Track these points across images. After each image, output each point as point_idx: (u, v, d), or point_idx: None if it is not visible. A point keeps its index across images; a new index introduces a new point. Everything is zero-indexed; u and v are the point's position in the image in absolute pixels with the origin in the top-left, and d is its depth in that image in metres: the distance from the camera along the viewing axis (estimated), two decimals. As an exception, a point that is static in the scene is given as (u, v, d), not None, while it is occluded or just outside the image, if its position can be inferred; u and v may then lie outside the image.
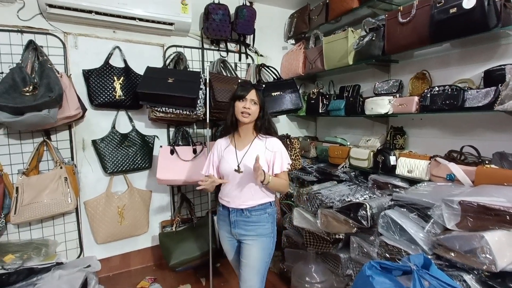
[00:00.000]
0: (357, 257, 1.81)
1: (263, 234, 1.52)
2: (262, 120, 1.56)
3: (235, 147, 1.56)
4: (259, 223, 1.51)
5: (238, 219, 1.53)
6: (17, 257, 1.86)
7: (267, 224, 1.53)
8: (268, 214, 1.54)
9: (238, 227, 1.53)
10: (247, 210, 1.51)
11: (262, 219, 1.52)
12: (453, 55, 1.86)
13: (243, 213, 1.51)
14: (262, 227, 1.52)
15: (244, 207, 1.50)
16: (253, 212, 1.51)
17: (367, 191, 2.01)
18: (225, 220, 1.58)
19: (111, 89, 2.19)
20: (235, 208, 1.52)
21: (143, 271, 2.50)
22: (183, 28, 2.40)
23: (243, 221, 1.52)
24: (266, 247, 1.53)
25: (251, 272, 1.49)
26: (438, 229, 1.36)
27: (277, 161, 1.52)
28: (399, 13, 1.83)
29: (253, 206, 1.51)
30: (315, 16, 2.58)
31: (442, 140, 1.94)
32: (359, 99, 2.25)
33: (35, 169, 2.03)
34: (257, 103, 1.52)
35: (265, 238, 1.52)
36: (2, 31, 1.92)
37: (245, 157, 1.52)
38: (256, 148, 1.53)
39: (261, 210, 1.52)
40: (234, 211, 1.53)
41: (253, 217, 1.51)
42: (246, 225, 1.52)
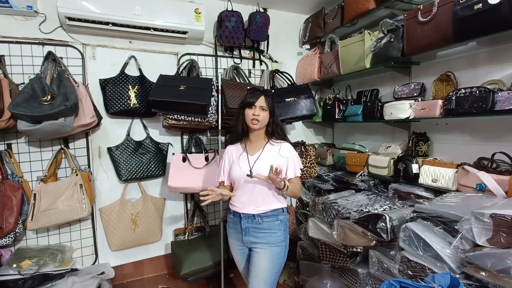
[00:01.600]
0: (376, 273, 1.68)
1: (274, 243, 1.48)
2: (273, 125, 1.56)
3: (247, 153, 1.56)
4: (270, 231, 1.49)
5: (249, 225, 1.50)
6: (33, 262, 1.90)
7: (279, 232, 1.50)
8: (280, 221, 1.52)
9: (249, 234, 1.51)
10: (259, 216, 1.49)
11: (274, 226, 1.49)
12: (480, 54, 1.72)
13: (254, 219, 1.49)
14: (274, 234, 1.49)
15: (256, 213, 1.49)
16: (265, 219, 1.49)
17: (387, 202, 1.89)
18: (236, 227, 1.56)
19: (126, 98, 2.23)
20: (246, 214, 1.50)
21: (156, 279, 2.49)
22: (196, 36, 2.42)
23: (254, 227, 1.50)
24: (277, 257, 1.48)
25: (259, 282, 1.45)
26: (467, 245, 1.24)
27: (290, 166, 1.53)
28: (418, 12, 1.73)
29: (265, 212, 1.49)
30: (330, 20, 2.51)
31: (471, 147, 1.79)
32: (377, 104, 2.14)
33: (53, 176, 2.09)
34: (266, 109, 1.51)
35: (276, 248, 1.48)
36: (24, 44, 2.02)
37: (257, 162, 1.51)
38: (268, 153, 1.53)
39: (273, 216, 1.50)
40: (245, 217, 1.51)
41: (264, 223, 1.48)
42: (258, 232, 1.49)
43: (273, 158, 1.51)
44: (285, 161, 1.52)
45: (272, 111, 1.55)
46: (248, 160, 1.53)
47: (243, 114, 1.53)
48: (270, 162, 1.43)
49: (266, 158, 1.51)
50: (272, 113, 1.55)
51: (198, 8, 2.33)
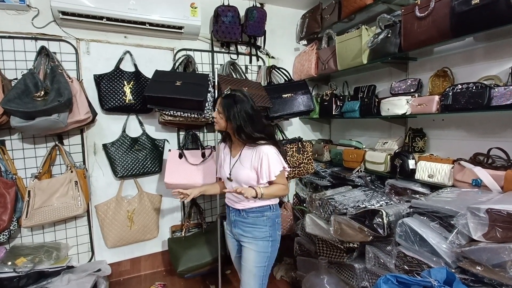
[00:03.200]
0: (373, 268, 1.69)
1: (260, 238, 1.50)
2: (235, 133, 1.46)
3: (230, 154, 1.59)
4: (255, 225, 1.51)
5: (236, 218, 1.55)
6: (28, 260, 1.88)
7: (264, 228, 1.51)
8: (266, 217, 1.52)
9: (237, 227, 1.56)
10: (244, 211, 1.52)
11: (259, 221, 1.51)
12: (477, 50, 1.72)
13: (240, 214, 1.53)
14: (259, 230, 1.50)
15: (241, 208, 1.52)
16: (250, 214, 1.51)
17: (383, 197, 1.89)
18: (228, 217, 1.63)
19: (121, 94, 2.20)
20: (233, 208, 1.56)
21: (153, 276, 2.48)
22: (192, 31, 2.39)
23: (241, 221, 1.54)
24: (263, 251, 1.50)
25: (248, 275, 1.50)
26: (463, 240, 1.24)
27: (263, 170, 1.45)
28: (416, 7, 1.72)
29: (250, 208, 1.51)
30: (328, 15, 2.49)
31: (467, 142, 1.79)
32: (374, 100, 2.14)
33: (48, 173, 2.06)
34: (221, 113, 1.47)
35: (262, 242, 1.50)
36: (17, 38, 1.98)
37: (235, 166, 1.53)
38: (245, 158, 1.51)
39: (258, 212, 1.51)
40: (233, 211, 1.57)
41: (250, 218, 1.51)
42: (244, 226, 1.53)
43: (247, 163, 1.48)
44: (258, 166, 1.46)
45: (230, 117, 1.43)
46: (229, 162, 1.56)
47: None
48: (245, 168, 1.48)
49: (242, 163, 1.50)
50: (228, 118, 1.44)
51: (194, 3, 2.30)
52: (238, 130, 1.44)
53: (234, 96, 1.47)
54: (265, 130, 1.50)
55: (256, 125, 1.46)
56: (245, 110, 1.43)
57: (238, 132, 1.45)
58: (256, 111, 1.48)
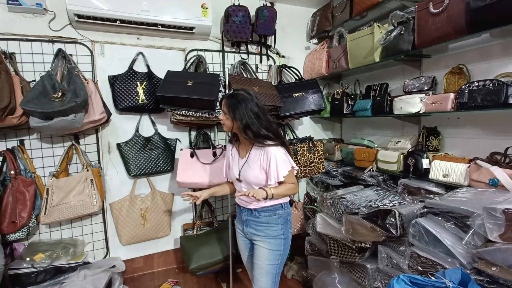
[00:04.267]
0: (385, 269, 1.67)
1: (272, 236, 1.51)
2: (243, 130, 1.44)
3: (238, 155, 1.59)
4: (268, 224, 1.51)
5: (248, 218, 1.56)
6: (46, 256, 1.94)
7: (277, 226, 1.52)
8: (279, 216, 1.52)
9: (249, 226, 1.56)
10: (255, 211, 1.52)
11: (272, 220, 1.51)
12: (494, 46, 1.68)
13: (252, 213, 1.53)
14: (271, 228, 1.51)
15: (253, 207, 1.52)
16: (262, 213, 1.51)
17: (396, 197, 1.87)
18: (239, 217, 1.64)
19: (134, 94, 2.24)
20: (245, 207, 1.56)
21: (165, 273, 2.52)
22: (203, 31, 2.41)
23: (253, 220, 1.54)
24: (275, 249, 1.51)
25: (261, 273, 1.51)
26: (478, 241, 1.22)
27: (272, 172, 1.45)
28: (430, 3, 1.69)
29: (262, 207, 1.51)
30: (339, 13, 2.47)
31: (483, 141, 1.75)
32: (387, 98, 2.11)
33: (65, 172, 2.12)
34: (227, 114, 1.47)
35: (274, 240, 1.51)
36: (35, 41, 2.05)
37: (244, 167, 1.53)
38: (253, 159, 1.51)
39: (270, 211, 1.52)
40: (245, 210, 1.57)
41: (262, 217, 1.51)
42: (256, 225, 1.53)
43: (255, 164, 1.49)
44: (266, 167, 1.46)
45: (234, 116, 1.43)
46: (238, 163, 1.57)
47: None
48: (254, 169, 1.48)
49: (250, 164, 1.51)
50: (234, 118, 1.43)
51: (205, 4, 2.32)
52: (245, 129, 1.43)
53: (237, 95, 1.46)
54: (271, 127, 1.48)
55: (263, 122, 1.45)
56: (250, 108, 1.43)
57: (245, 131, 1.44)
58: (261, 108, 1.47)
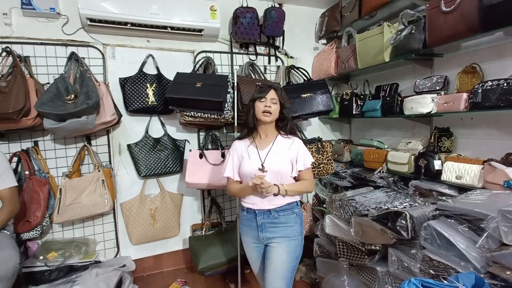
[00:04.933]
0: (396, 272, 1.64)
1: (291, 236, 1.48)
2: (284, 120, 1.57)
3: (257, 148, 1.55)
4: (287, 224, 1.49)
5: (265, 221, 1.49)
6: (59, 254, 1.99)
7: (295, 225, 1.50)
8: (296, 214, 1.52)
9: (266, 230, 1.49)
10: (274, 211, 1.48)
11: (290, 219, 1.49)
12: (508, 44, 1.63)
13: (270, 214, 1.48)
14: (290, 228, 1.49)
15: (271, 207, 1.48)
16: (281, 213, 1.48)
17: (407, 199, 1.83)
18: (250, 224, 1.54)
19: (144, 96, 2.28)
20: (262, 209, 1.49)
21: (174, 273, 2.55)
22: (212, 33, 2.43)
23: (270, 223, 1.49)
24: (293, 250, 1.47)
25: (276, 276, 1.41)
26: (493, 244, 1.18)
27: (300, 158, 1.52)
28: (441, 2, 1.65)
29: (281, 206, 1.48)
30: (347, 13, 2.45)
31: (498, 142, 1.70)
32: (397, 98, 2.07)
33: (77, 172, 2.17)
34: (277, 103, 1.53)
35: (293, 241, 1.48)
36: (48, 45, 2.10)
37: (269, 155, 1.50)
38: (279, 146, 1.53)
39: (288, 210, 1.50)
40: (261, 213, 1.49)
41: (281, 217, 1.48)
42: (274, 226, 1.48)
43: (283, 152, 1.51)
44: (295, 153, 1.52)
45: (283, 105, 1.56)
46: (258, 154, 1.52)
47: (253, 108, 1.54)
48: (281, 156, 1.49)
49: (277, 151, 1.52)
50: (283, 106, 1.56)
51: (213, 6, 2.34)
52: (287, 117, 1.57)
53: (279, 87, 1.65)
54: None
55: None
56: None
57: (286, 120, 1.56)
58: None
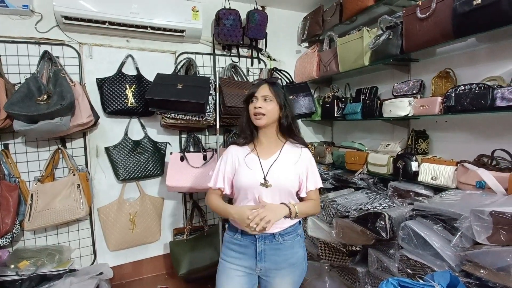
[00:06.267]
0: (376, 272, 1.67)
1: (297, 264, 1.23)
2: (286, 122, 1.25)
3: (258, 157, 1.25)
4: (292, 250, 1.22)
5: (267, 247, 1.19)
6: (31, 263, 1.89)
7: (301, 250, 1.26)
8: (300, 236, 1.28)
9: (266, 259, 1.19)
10: (279, 235, 1.19)
11: (296, 244, 1.24)
12: (480, 50, 1.71)
13: (274, 239, 1.19)
14: (296, 255, 1.23)
15: (276, 231, 1.19)
16: (286, 236, 1.21)
17: (386, 200, 1.87)
18: (245, 251, 1.21)
19: (123, 97, 2.21)
20: (264, 233, 1.17)
21: (155, 279, 2.48)
22: (194, 34, 2.40)
23: (274, 249, 1.19)
24: (298, 281, 1.25)
25: None
26: (466, 243, 1.22)
27: (311, 175, 1.26)
28: (417, 8, 1.71)
29: (286, 229, 1.21)
30: (329, 18, 2.49)
31: (470, 144, 1.77)
32: (376, 102, 2.13)
33: (50, 176, 2.07)
34: (272, 100, 1.22)
35: (298, 270, 1.24)
36: (20, 43, 2.00)
37: (274, 166, 1.21)
38: (287, 157, 1.25)
39: (293, 232, 1.24)
40: (262, 238, 1.19)
41: (286, 242, 1.20)
42: (278, 255, 1.20)
43: (292, 165, 1.23)
44: (305, 169, 1.25)
45: (283, 104, 1.23)
46: (260, 164, 1.23)
47: (247, 111, 1.27)
48: (289, 169, 1.21)
49: (284, 163, 1.23)
50: (283, 105, 1.24)
51: (195, 7, 2.31)
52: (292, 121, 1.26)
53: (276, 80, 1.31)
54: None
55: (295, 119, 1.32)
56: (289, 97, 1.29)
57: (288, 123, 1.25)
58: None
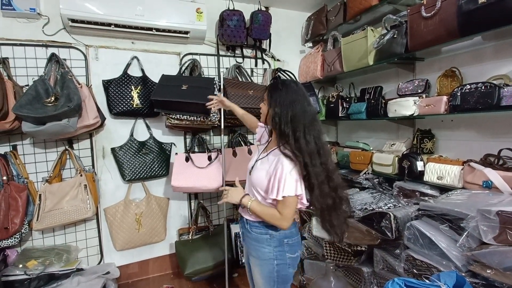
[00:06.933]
0: (381, 272, 1.66)
1: (263, 259, 1.30)
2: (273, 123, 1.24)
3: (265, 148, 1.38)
4: (258, 244, 1.30)
5: (243, 231, 1.41)
6: (39, 262, 1.92)
7: (268, 248, 1.29)
8: (270, 236, 1.29)
9: (244, 240, 1.42)
10: (248, 224, 1.35)
11: (262, 240, 1.30)
12: (486, 49, 1.69)
13: (245, 226, 1.37)
14: (262, 249, 1.29)
15: (246, 217, 1.35)
16: (254, 228, 1.32)
17: (391, 200, 1.87)
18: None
19: (129, 98, 2.23)
20: (243, 217, 1.38)
21: (160, 279, 2.50)
22: (198, 35, 2.41)
23: (246, 235, 1.38)
24: (267, 275, 1.30)
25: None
26: (473, 243, 1.21)
27: (272, 184, 1.21)
28: (422, 7, 1.70)
29: (253, 221, 1.32)
30: (333, 17, 2.49)
31: (477, 143, 1.76)
32: (381, 101, 2.12)
33: (58, 177, 2.10)
34: (265, 102, 1.31)
35: (265, 264, 1.30)
36: (28, 46, 2.03)
37: (257, 164, 1.33)
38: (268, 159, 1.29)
39: (261, 228, 1.30)
40: (242, 221, 1.40)
41: (253, 233, 1.32)
42: (249, 241, 1.35)
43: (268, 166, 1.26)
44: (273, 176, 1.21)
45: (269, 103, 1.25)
46: (257, 156, 1.38)
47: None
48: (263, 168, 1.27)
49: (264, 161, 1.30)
50: (270, 104, 1.25)
51: (199, 8, 2.33)
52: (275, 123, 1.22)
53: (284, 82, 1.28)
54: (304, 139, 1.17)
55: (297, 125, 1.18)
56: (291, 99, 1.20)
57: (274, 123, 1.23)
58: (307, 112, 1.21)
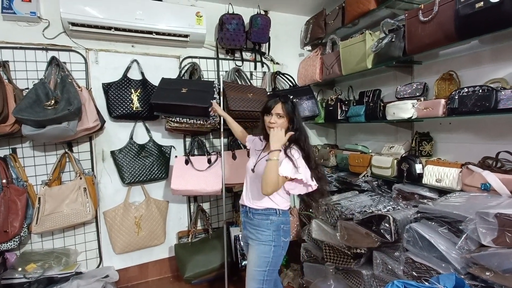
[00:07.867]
0: (381, 274, 1.67)
1: (262, 241, 1.50)
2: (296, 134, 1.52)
3: (263, 148, 1.62)
4: (259, 228, 1.52)
5: (245, 219, 1.61)
6: (38, 266, 1.92)
7: (268, 231, 1.50)
8: (271, 221, 1.51)
9: (245, 228, 1.60)
10: (250, 212, 1.55)
11: (263, 224, 1.51)
12: (483, 52, 1.71)
13: (247, 215, 1.57)
14: (262, 233, 1.51)
15: (249, 206, 1.55)
16: (256, 216, 1.53)
17: (390, 202, 1.87)
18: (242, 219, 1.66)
19: (128, 101, 2.24)
20: (244, 205, 1.59)
21: (160, 282, 2.49)
22: (198, 39, 2.43)
23: (248, 222, 1.58)
24: (264, 256, 1.48)
25: (249, 277, 1.50)
26: (472, 246, 1.22)
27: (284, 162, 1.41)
28: (420, 11, 1.72)
29: (257, 209, 1.53)
30: (331, 21, 2.51)
31: (475, 146, 1.77)
32: (379, 104, 2.13)
33: (58, 180, 2.10)
34: (283, 116, 1.50)
35: (263, 246, 1.49)
36: (28, 49, 2.04)
37: (262, 159, 1.53)
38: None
39: (263, 215, 1.52)
40: (244, 210, 1.61)
41: (255, 220, 1.53)
42: (250, 227, 1.56)
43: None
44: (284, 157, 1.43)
45: (291, 118, 1.51)
46: (258, 155, 1.58)
47: (263, 120, 1.57)
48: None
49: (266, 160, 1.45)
50: (291, 120, 1.51)
51: (199, 12, 2.34)
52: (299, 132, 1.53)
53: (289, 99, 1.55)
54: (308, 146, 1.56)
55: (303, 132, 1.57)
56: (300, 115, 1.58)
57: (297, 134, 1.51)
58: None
